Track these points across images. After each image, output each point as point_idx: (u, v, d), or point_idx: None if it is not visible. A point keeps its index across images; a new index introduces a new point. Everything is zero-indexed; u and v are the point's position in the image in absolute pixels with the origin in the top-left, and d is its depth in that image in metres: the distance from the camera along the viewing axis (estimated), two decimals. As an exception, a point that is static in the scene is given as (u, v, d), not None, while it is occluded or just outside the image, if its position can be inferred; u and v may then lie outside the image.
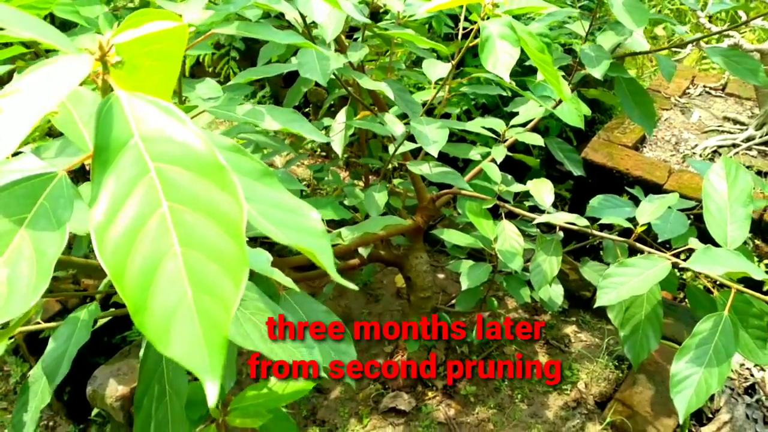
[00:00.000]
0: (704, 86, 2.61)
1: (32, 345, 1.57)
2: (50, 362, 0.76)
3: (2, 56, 0.82)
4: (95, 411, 1.37)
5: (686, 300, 1.57)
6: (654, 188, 1.97)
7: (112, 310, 0.98)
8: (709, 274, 1.10)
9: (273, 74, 1.03)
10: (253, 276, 0.73)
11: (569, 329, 1.58)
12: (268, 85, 2.79)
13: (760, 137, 2.25)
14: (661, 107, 2.45)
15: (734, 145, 2.24)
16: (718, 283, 1.10)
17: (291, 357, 0.64)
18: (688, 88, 2.61)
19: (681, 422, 0.97)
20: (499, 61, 0.86)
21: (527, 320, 1.59)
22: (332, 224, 1.26)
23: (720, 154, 2.22)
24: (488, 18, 0.91)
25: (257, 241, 1.50)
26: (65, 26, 1.68)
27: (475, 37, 0.94)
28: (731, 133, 2.31)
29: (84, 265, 0.75)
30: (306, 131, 0.72)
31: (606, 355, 1.51)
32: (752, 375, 1.77)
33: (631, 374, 1.46)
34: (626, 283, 1.09)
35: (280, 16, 1.28)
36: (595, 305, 1.08)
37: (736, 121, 2.38)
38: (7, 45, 0.87)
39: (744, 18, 2.40)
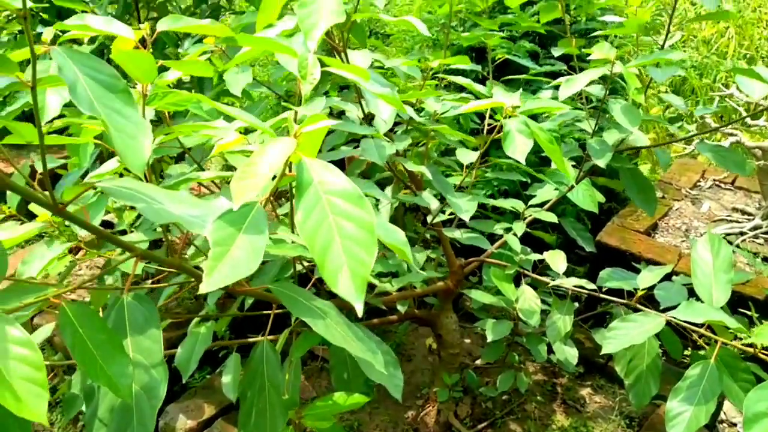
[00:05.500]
0: (714, 179, 2.92)
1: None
2: (181, 362, 1.05)
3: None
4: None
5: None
6: (665, 270, 2.24)
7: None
8: (695, 329, 1.35)
9: (338, 158, 1.38)
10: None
11: (585, 391, 1.81)
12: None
13: (767, 226, 2.52)
14: (672, 198, 2.76)
15: (741, 233, 2.52)
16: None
17: (358, 353, 0.91)
18: (698, 181, 2.93)
19: (674, 451, 1.19)
20: (517, 148, 1.18)
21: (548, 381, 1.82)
22: (380, 276, 1.55)
23: (729, 242, 2.49)
24: (509, 117, 1.24)
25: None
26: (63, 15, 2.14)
27: (499, 131, 1.28)
28: (739, 222, 2.59)
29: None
30: (377, 194, 1.05)
31: (618, 415, 1.72)
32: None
33: (642, 431, 1.67)
34: (627, 334, 1.34)
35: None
36: (602, 352, 1.33)
37: (744, 212, 2.66)
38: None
39: (744, 116, 2.74)
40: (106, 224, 2.01)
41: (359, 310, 0.59)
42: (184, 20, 0.92)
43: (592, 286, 1.51)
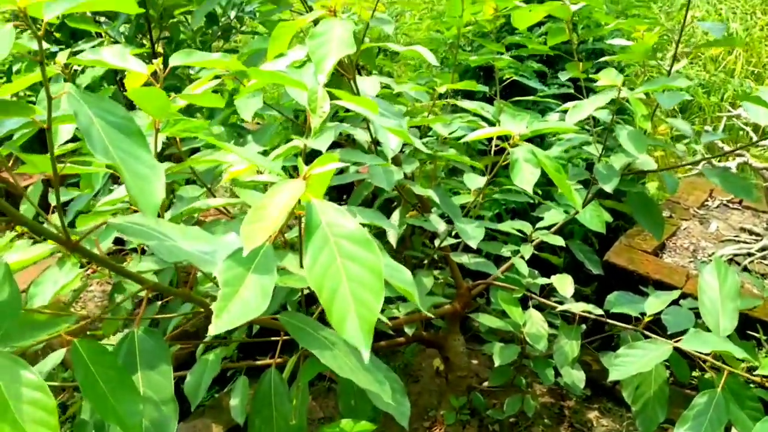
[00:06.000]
0: (722, 199, 2.91)
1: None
2: (190, 389, 1.05)
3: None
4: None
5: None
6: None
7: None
8: (702, 356, 1.34)
9: (346, 182, 1.39)
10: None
11: (592, 414, 1.80)
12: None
13: (775, 247, 2.51)
14: (680, 217, 2.75)
15: (749, 254, 2.50)
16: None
17: (366, 384, 0.91)
18: (706, 200, 2.91)
19: (681, 482, 1.18)
20: (524, 178, 1.19)
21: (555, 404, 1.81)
22: (387, 302, 1.55)
23: (737, 263, 2.48)
24: (516, 146, 1.25)
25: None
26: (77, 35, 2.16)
27: (506, 154, 1.28)
28: (747, 243, 2.57)
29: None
30: (384, 225, 1.05)
31: (626, 439, 1.71)
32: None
33: (649, 457, 1.66)
34: (634, 362, 1.33)
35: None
36: (609, 379, 1.33)
37: (752, 232, 2.65)
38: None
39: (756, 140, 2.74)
40: (118, 240, 2.03)
41: (366, 357, 0.59)
42: (197, 55, 0.93)
43: (600, 312, 1.50)
